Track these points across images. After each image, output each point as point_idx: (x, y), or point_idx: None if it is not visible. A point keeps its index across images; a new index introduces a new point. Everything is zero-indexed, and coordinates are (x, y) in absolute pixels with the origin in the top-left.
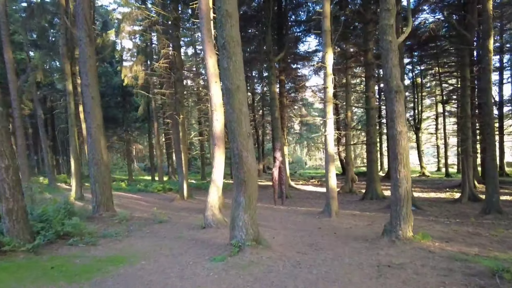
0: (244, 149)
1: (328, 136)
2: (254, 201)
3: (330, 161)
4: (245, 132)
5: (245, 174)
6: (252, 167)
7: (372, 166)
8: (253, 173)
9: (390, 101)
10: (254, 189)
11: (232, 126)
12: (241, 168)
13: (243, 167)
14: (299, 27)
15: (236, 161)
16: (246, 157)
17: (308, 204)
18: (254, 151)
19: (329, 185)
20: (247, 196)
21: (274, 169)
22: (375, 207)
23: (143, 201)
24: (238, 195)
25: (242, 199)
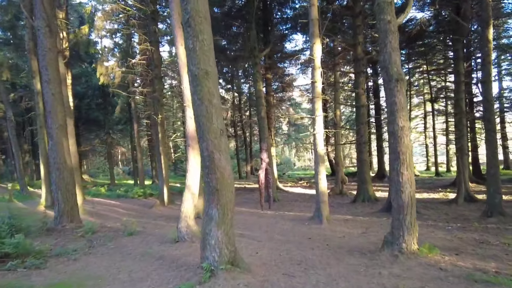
0: (215, 149)
1: (318, 135)
2: (230, 213)
3: (320, 162)
4: (216, 129)
5: (218, 181)
6: (226, 171)
7: (363, 167)
8: (227, 179)
9: (390, 92)
10: (229, 199)
11: (201, 121)
12: (212, 172)
13: (215, 171)
14: (285, 25)
15: (206, 165)
16: (218, 159)
17: (297, 208)
18: (240, 152)
19: (320, 188)
20: (220, 208)
21: (260, 171)
22: (367, 210)
23: (120, 208)
24: (210, 207)
25: (215, 211)
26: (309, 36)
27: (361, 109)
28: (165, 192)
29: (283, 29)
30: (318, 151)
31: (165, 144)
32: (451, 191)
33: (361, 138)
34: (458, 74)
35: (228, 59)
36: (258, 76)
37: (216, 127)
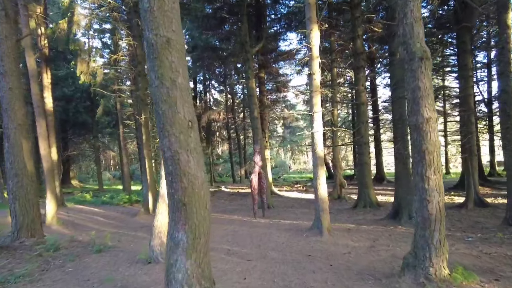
0: (182, 148)
1: (316, 133)
2: (204, 236)
3: (319, 164)
4: (182, 120)
5: (185, 192)
6: (198, 179)
7: (364, 170)
8: (199, 190)
9: (412, 74)
10: (202, 217)
11: (160, 108)
12: (177, 181)
13: (181, 179)
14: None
15: (169, 170)
16: (185, 162)
17: (293, 215)
18: (233, 156)
19: (319, 194)
20: (190, 230)
21: (253, 175)
22: (370, 217)
23: (101, 216)
24: (175, 228)
25: (182, 234)
26: (305, 22)
27: (361, 107)
28: (150, 199)
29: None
30: (317, 152)
31: (149, 146)
32: (455, 194)
33: (361, 139)
34: (465, 68)
35: (220, 58)
36: (250, 73)
37: (183, 117)
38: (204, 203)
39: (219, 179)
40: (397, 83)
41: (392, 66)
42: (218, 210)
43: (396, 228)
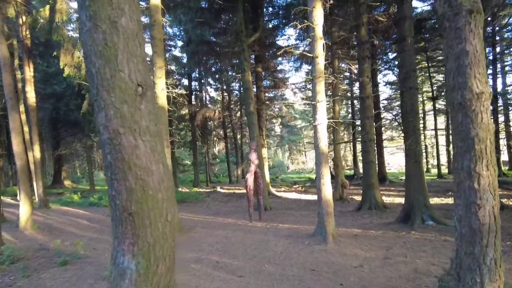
0: (126, 126)
1: (320, 126)
2: (164, 262)
3: (323, 162)
4: (127, 82)
5: (132, 195)
6: (154, 176)
7: (369, 169)
8: (155, 192)
9: (457, 34)
10: (160, 233)
11: (94, 65)
12: (119, 177)
13: (124, 175)
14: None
15: (108, 161)
16: (132, 147)
17: (292, 219)
18: (230, 155)
19: (323, 196)
20: (141, 253)
21: (248, 174)
22: (377, 220)
23: (86, 219)
24: (119, 251)
25: (129, 260)
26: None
27: (366, 100)
28: None
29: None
30: (321, 147)
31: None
32: None
33: (366, 135)
34: None
35: (215, 52)
36: (246, 64)
37: (127, 78)
38: (163, 212)
39: (216, 180)
40: (407, 73)
41: (403, 53)
42: (211, 213)
43: (410, 234)
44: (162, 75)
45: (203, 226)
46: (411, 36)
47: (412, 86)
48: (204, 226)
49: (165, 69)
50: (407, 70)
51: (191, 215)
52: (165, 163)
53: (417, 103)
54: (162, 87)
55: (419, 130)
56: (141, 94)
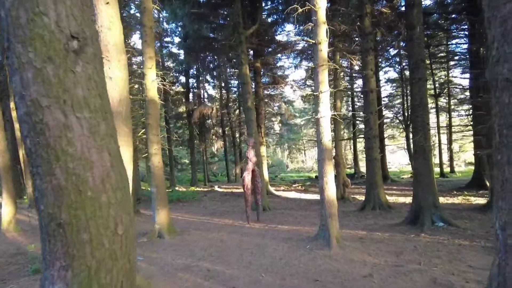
0: (52, 95)
1: (323, 119)
2: None
3: (326, 159)
4: (53, 32)
5: (61, 197)
6: (95, 170)
7: (373, 167)
8: (96, 193)
9: None
10: (107, 252)
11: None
12: (45, 170)
13: (49, 167)
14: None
15: (28, 146)
16: (61, 127)
17: (292, 219)
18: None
19: (326, 197)
20: (76, 280)
21: (245, 173)
22: (382, 221)
23: None
24: (48, 277)
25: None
26: None
27: (370, 94)
28: None
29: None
30: (324, 143)
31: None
32: (469, 194)
33: (370, 131)
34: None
35: (212, 48)
36: (243, 57)
37: (53, 26)
38: (109, 221)
39: (214, 179)
40: (416, 63)
41: (411, 42)
42: (207, 213)
43: (420, 237)
44: (152, 66)
45: (197, 228)
46: (420, 24)
47: (421, 77)
48: (199, 227)
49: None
50: (415, 61)
51: (186, 216)
52: (114, 152)
53: (426, 95)
54: (153, 78)
55: (428, 124)
56: (76, 50)
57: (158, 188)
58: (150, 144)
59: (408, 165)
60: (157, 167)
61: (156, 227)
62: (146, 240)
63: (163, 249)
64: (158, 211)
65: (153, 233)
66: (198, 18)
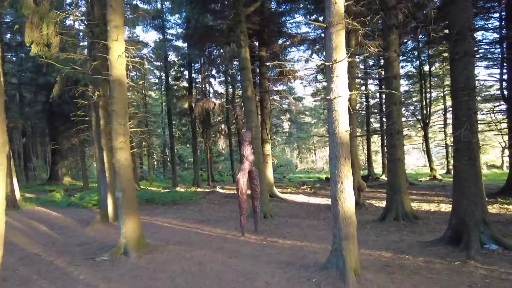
0: None
1: (338, 101)
2: None
3: (341, 157)
4: None
5: None
6: None
7: (396, 168)
8: None
9: None
10: None
11: None
12: None
13: None
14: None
15: None
16: None
17: (297, 231)
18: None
19: (341, 210)
20: None
21: (240, 174)
22: (410, 237)
23: (50, 223)
24: None
25: None
26: None
27: (393, 81)
28: (110, 203)
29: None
30: (339, 133)
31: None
32: (506, 202)
33: (393, 125)
34: None
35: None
36: (243, 39)
37: None
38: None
39: (219, 178)
40: (460, 33)
41: (453, 5)
42: (199, 219)
43: (469, 266)
44: (119, 37)
45: (178, 241)
46: None
47: (468, 51)
48: (180, 240)
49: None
50: (460, 30)
51: (175, 222)
52: None
53: (473, 75)
54: (119, 53)
55: (476, 114)
56: None
57: (125, 192)
58: (115, 136)
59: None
60: (124, 166)
61: (122, 241)
62: (107, 258)
63: (120, 275)
64: (125, 221)
65: (117, 249)
66: (198, 5)
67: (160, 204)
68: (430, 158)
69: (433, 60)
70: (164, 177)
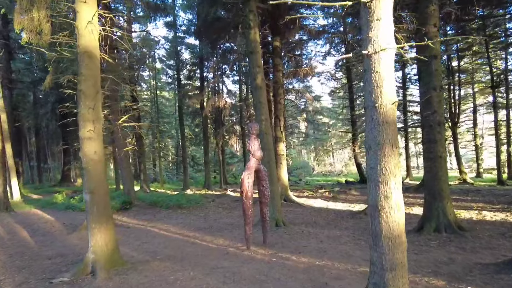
0: None
1: (380, 56)
2: None
3: (386, 144)
4: None
5: None
6: None
7: (436, 168)
8: None
9: None
10: None
11: None
12: None
13: None
14: None
15: None
16: None
17: (314, 244)
18: None
19: (385, 226)
20: None
21: (245, 173)
22: (461, 255)
23: (32, 229)
24: None
25: None
26: None
27: (432, 62)
28: None
29: None
30: (383, 106)
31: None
32: None
33: (433, 116)
34: None
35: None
36: (251, 18)
37: None
38: None
39: (233, 181)
40: None
41: None
42: (202, 226)
43: None
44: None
45: (168, 255)
46: None
47: None
48: (171, 254)
49: None
50: None
51: (173, 230)
52: None
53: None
54: (88, 18)
55: None
56: None
57: (94, 194)
58: (82, 123)
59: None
60: (93, 161)
61: (89, 257)
62: (67, 279)
63: None
64: (94, 232)
65: (83, 267)
66: None
67: (164, 208)
68: (459, 160)
69: (463, 53)
70: (177, 179)
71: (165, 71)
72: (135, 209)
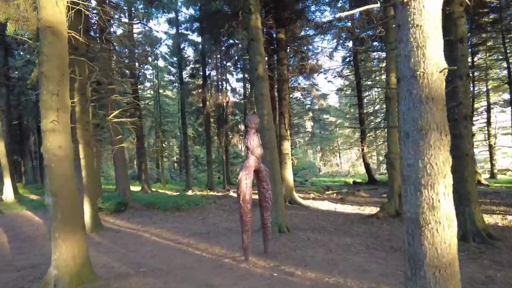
0: None
1: (421, 4)
2: None
3: (432, 129)
4: None
5: None
6: None
7: (463, 168)
8: None
9: None
10: None
11: None
12: None
13: None
14: None
15: None
16: None
17: (321, 254)
18: None
19: (430, 249)
20: None
21: (243, 173)
22: (501, 273)
23: (14, 233)
24: None
25: None
26: None
27: (458, 46)
28: (87, 211)
29: None
30: (428, 74)
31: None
32: None
33: (458, 108)
34: None
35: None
36: (252, 2)
37: None
38: None
39: (236, 181)
40: None
41: None
42: (198, 231)
43: None
44: None
45: (152, 268)
46: None
47: None
48: (156, 267)
49: None
50: None
51: (165, 235)
52: None
53: None
54: None
55: None
56: None
57: (58, 197)
58: (43, 112)
59: None
60: (57, 157)
61: (52, 272)
62: None
63: None
64: (57, 242)
65: (43, 285)
66: None
67: (162, 210)
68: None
69: (477, 49)
70: (180, 179)
71: (168, 69)
72: (130, 211)
